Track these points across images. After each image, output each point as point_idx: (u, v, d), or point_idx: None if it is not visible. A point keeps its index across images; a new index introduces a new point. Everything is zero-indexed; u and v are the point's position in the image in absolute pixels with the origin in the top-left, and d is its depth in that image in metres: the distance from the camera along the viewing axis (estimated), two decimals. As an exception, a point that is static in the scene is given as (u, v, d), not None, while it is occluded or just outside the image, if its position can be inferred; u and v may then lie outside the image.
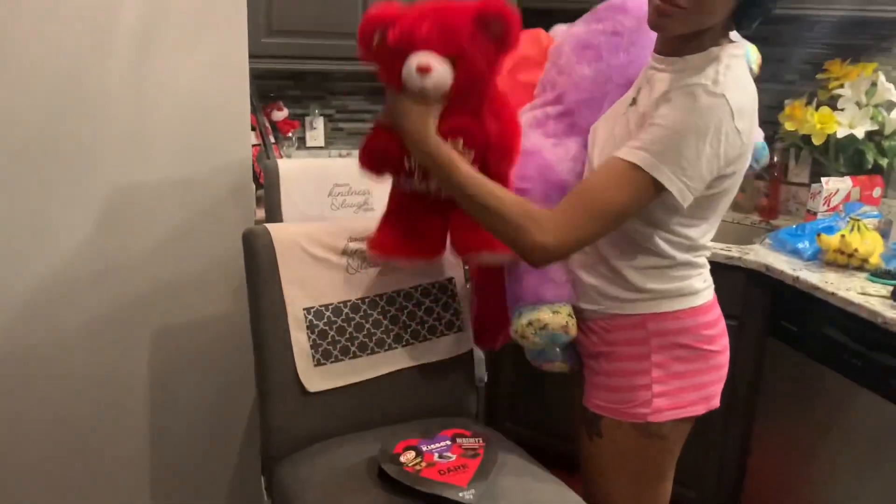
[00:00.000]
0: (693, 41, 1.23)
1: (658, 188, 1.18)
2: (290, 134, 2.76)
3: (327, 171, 2.20)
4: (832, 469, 1.92)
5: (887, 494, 1.75)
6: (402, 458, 1.34)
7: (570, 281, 1.40)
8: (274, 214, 2.09)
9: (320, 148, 2.89)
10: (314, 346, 1.51)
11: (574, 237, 1.20)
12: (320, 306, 1.52)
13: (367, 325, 1.57)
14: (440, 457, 1.35)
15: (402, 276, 1.62)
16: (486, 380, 1.95)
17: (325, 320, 1.52)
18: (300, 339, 1.50)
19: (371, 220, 1.59)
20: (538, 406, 2.47)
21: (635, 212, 1.22)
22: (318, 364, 1.51)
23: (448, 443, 1.40)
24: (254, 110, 2.43)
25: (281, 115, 2.72)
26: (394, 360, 1.60)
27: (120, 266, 1.92)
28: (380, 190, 2.20)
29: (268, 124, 2.64)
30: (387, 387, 1.60)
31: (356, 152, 1.46)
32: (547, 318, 1.36)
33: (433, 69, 1.23)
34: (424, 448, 1.37)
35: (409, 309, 1.62)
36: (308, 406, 1.52)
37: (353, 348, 1.55)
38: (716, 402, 1.41)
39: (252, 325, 1.51)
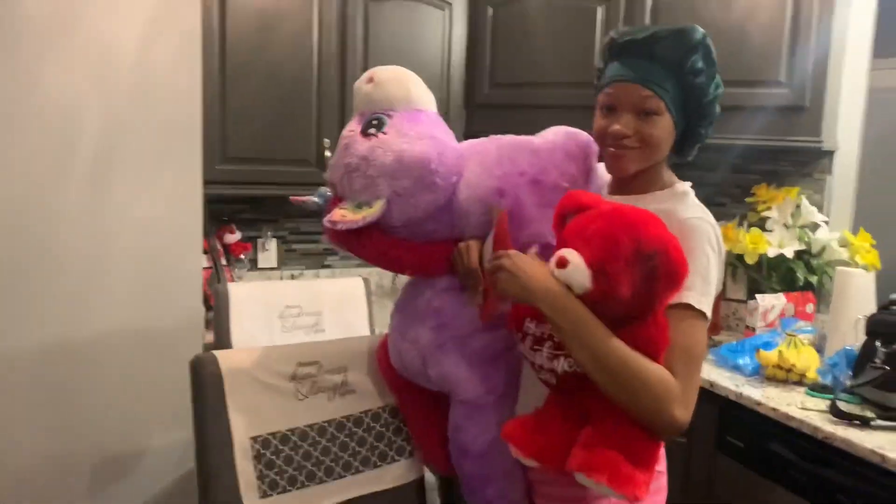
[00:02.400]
0: (649, 176, 1.36)
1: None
2: (241, 256, 2.78)
3: (278, 293, 2.22)
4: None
5: None
6: None
7: None
8: (223, 338, 2.09)
9: (273, 269, 2.91)
10: (261, 477, 1.48)
11: (694, 400, 1.21)
12: (268, 434, 1.50)
13: (316, 454, 1.55)
14: None
15: (351, 401, 1.61)
16: (438, 505, 1.91)
17: (273, 449, 1.50)
18: (246, 470, 1.47)
19: (321, 341, 1.60)
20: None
21: None
22: (265, 496, 1.48)
23: None
24: (206, 234, 2.46)
25: (233, 237, 2.76)
26: (343, 490, 1.57)
27: (66, 393, 1.88)
28: (331, 311, 2.24)
29: (220, 247, 2.67)
30: (336, 516, 1.56)
31: (308, 272, 1.49)
32: None
33: (568, 266, 1.17)
34: None
35: (360, 435, 1.60)
36: (253, 540, 1.47)
37: (301, 478, 1.52)
38: None
39: (197, 455, 1.48)
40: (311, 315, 2.23)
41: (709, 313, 1.24)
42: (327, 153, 2.57)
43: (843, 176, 2.51)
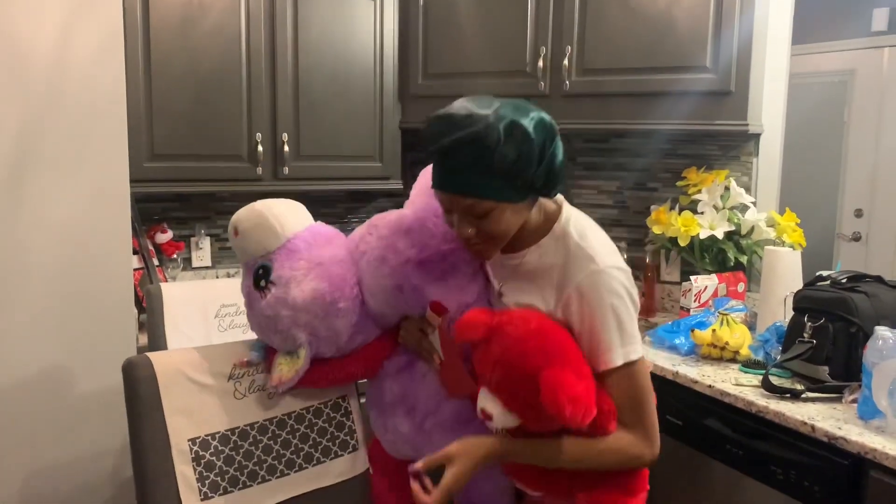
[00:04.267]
0: (522, 236, 1.34)
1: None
2: (174, 255, 2.71)
3: (213, 292, 2.17)
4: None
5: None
6: None
7: None
8: (157, 340, 2.03)
9: (207, 268, 2.85)
10: (200, 479, 1.44)
11: (656, 431, 1.32)
12: (206, 436, 1.47)
13: (258, 452, 1.52)
14: None
15: (292, 398, 1.59)
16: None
17: (212, 450, 1.46)
18: (185, 473, 1.43)
19: (258, 339, 1.57)
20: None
21: None
22: (206, 498, 1.44)
23: None
24: (136, 234, 2.39)
25: (165, 237, 2.68)
26: (288, 487, 1.54)
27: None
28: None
29: (151, 247, 2.60)
30: (281, 515, 1.54)
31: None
32: None
33: (494, 419, 1.29)
34: None
35: (301, 431, 1.58)
36: (195, 544, 1.43)
37: (242, 478, 1.49)
38: None
39: (133, 460, 1.43)
40: (249, 313, 2.19)
41: (636, 352, 1.28)
42: (259, 148, 2.52)
43: (768, 158, 2.59)
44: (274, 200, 1.52)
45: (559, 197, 1.37)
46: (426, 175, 1.42)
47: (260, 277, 1.48)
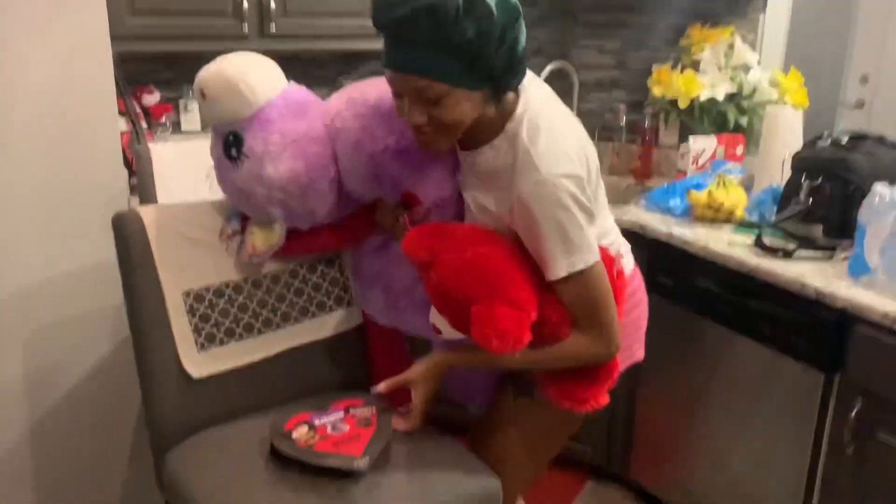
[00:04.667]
0: (477, 132, 1.27)
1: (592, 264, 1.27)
2: (163, 119, 2.64)
3: (204, 152, 2.11)
4: (714, 410, 2.03)
5: (767, 431, 1.88)
6: (295, 434, 1.33)
7: None
8: (148, 202, 2.01)
9: (197, 132, 2.78)
10: (196, 331, 1.47)
11: (614, 331, 1.32)
12: (201, 289, 1.48)
13: (252, 305, 1.54)
14: (333, 429, 1.35)
15: (285, 254, 1.59)
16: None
17: (207, 303, 1.48)
18: (181, 325, 1.45)
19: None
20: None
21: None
22: (203, 349, 1.47)
23: (341, 414, 1.39)
24: (122, 95, 2.31)
25: (152, 99, 2.60)
26: (283, 340, 1.57)
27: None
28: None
29: (139, 110, 2.53)
30: (278, 367, 1.57)
31: None
32: None
33: (443, 333, 1.33)
34: (317, 422, 1.36)
35: (295, 286, 1.59)
36: (194, 393, 1.47)
37: (238, 330, 1.52)
38: (640, 355, 1.56)
39: (128, 314, 1.45)
40: (240, 175, 2.16)
41: (583, 261, 1.25)
42: (244, 3, 2.40)
43: (775, 14, 2.49)
44: (243, 59, 1.42)
45: (520, 86, 1.29)
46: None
47: (230, 145, 1.40)
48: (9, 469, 1.92)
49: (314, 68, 2.90)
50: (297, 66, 1.52)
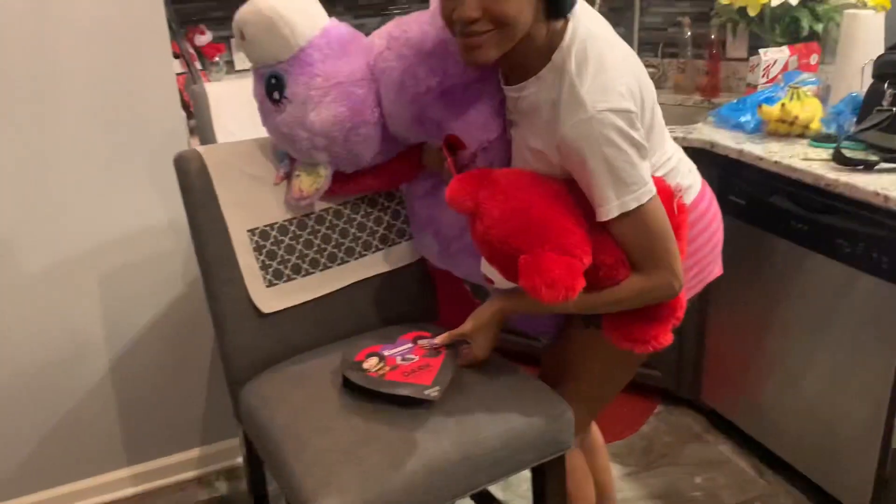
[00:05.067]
0: (523, 58, 1.20)
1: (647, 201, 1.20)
2: (216, 58, 2.64)
3: (259, 90, 2.11)
4: (787, 332, 1.98)
5: (844, 352, 1.82)
6: (365, 365, 1.34)
7: None
8: (207, 142, 2.02)
9: (250, 70, 2.77)
10: (264, 268, 1.48)
11: (677, 267, 1.25)
12: (265, 226, 1.48)
13: (317, 241, 1.54)
14: (403, 359, 1.35)
15: (346, 188, 1.58)
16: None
17: (272, 240, 1.49)
18: (248, 262, 1.47)
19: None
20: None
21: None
22: (271, 285, 1.49)
23: (410, 345, 1.40)
24: (174, 36, 2.30)
25: (205, 39, 2.59)
26: (348, 274, 1.58)
27: (54, 214, 1.85)
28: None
29: (192, 50, 2.52)
30: (344, 301, 1.58)
31: None
32: None
33: (496, 283, 1.32)
34: (386, 353, 1.37)
35: (358, 220, 1.59)
36: (265, 328, 1.50)
37: (304, 266, 1.52)
38: (718, 272, 1.51)
39: (197, 253, 1.47)
40: (297, 110, 2.14)
41: (636, 199, 1.18)
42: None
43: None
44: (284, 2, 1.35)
45: (570, 14, 1.20)
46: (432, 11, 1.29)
47: (273, 88, 1.38)
48: (93, 403, 2.01)
49: (363, -4, 2.84)
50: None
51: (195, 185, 1.43)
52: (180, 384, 2.10)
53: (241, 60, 2.73)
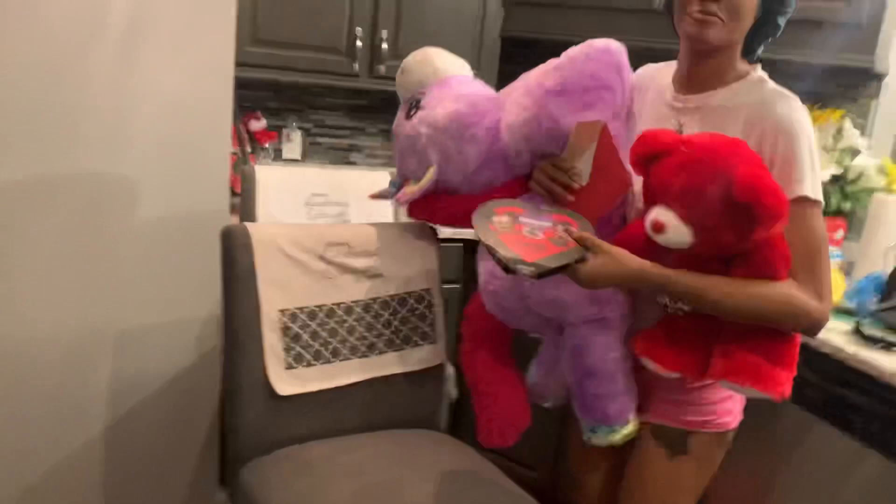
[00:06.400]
0: (721, 64, 1.31)
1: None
2: (266, 145, 2.75)
3: (305, 179, 2.20)
4: (788, 499, 1.94)
5: None
6: (495, 219, 1.29)
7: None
8: (249, 220, 2.08)
9: (297, 161, 2.88)
10: (287, 350, 1.49)
11: (829, 290, 1.25)
12: (296, 309, 1.51)
13: (342, 331, 1.56)
14: (530, 231, 1.29)
15: (379, 284, 1.62)
16: (455, 396, 1.94)
17: (300, 323, 1.51)
18: (273, 341, 1.48)
19: (351, 224, 1.59)
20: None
21: None
22: (290, 367, 1.50)
23: (547, 224, 1.32)
24: (233, 119, 2.42)
25: (259, 125, 2.71)
26: (366, 368, 1.59)
27: (90, 267, 1.88)
28: (358, 202, 2.22)
29: (245, 134, 2.64)
30: (357, 394, 1.59)
31: (332, 166, 1.51)
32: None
33: (666, 230, 1.21)
34: (521, 219, 1.31)
35: (385, 317, 1.61)
36: (276, 410, 1.49)
37: (326, 353, 1.54)
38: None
39: (225, 323, 1.49)
40: (338, 205, 2.22)
41: (819, 193, 1.24)
42: (358, 43, 2.50)
43: (889, 102, 2.43)
44: (438, 49, 1.62)
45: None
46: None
47: (412, 107, 1.54)
48: (80, 465, 1.97)
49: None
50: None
51: (238, 258, 1.47)
52: (172, 457, 2.06)
53: (289, 150, 2.85)
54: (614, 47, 1.37)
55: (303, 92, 2.84)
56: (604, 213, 1.39)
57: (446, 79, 1.56)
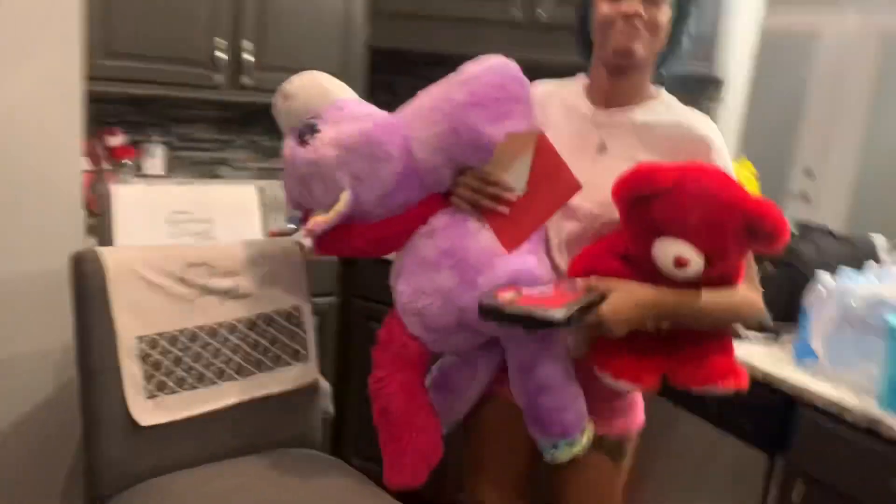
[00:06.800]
0: (636, 83, 1.38)
1: None
2: (125, 161, 2.62)
3: (167, 197, 2.11)
4: (659, 489, 2.04)
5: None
6: (501, 298, 1.24)
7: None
8: (106, 243, 1.97)
9: (160, 176, 2.77)
10: (148, 378, 1.43)
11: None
12: (155, 335, 1.45)
13: (206, 355, 1.51)
14: (539, 294, 1.27)
15: (244, 304, 1.58)
16: (332, 412, 1.92)
17: (161, 349, 1.45)
18: (133, 370, 1.42)
19: (212, 244, 1.55)
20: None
21: None
22: (152, 396, 1.44)
23: (550, 287, 1.32)
24: (87, 135, 2.30)
25: (116, 140, 2.59)
26: (234, 392, 1.55)
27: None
28: (223, 218, 2.16)
29: (102, 150, 2.51)
30: (227, 419, 1.54)
31: (197, 181, 1.44)
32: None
33: (690, 265, 1.23)
34: (525, 291, 1.28)
35: (252, 338, 1.58)
36: (140, 441, 1.43)
37: (189, 379, 1.49)
38: None
39: (78, 354, 1.42)
40: (202, 222, 2.14)
41: None
42: (217, 53, 2.44)
43: (730, 105, 2.61)
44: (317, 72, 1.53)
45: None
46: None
47: (304, 133, 1.44)
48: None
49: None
50: (268, 120, 1.55)
51: (90, 284, 1.40)
52: (31, 499, 1.93)
53: (150, 166, 2.73)
54: (512, 63, 1.38)
55: (166, 105, 2.74)
56: (548, 218, 1.40)
57: (339, 101, 1.48)
